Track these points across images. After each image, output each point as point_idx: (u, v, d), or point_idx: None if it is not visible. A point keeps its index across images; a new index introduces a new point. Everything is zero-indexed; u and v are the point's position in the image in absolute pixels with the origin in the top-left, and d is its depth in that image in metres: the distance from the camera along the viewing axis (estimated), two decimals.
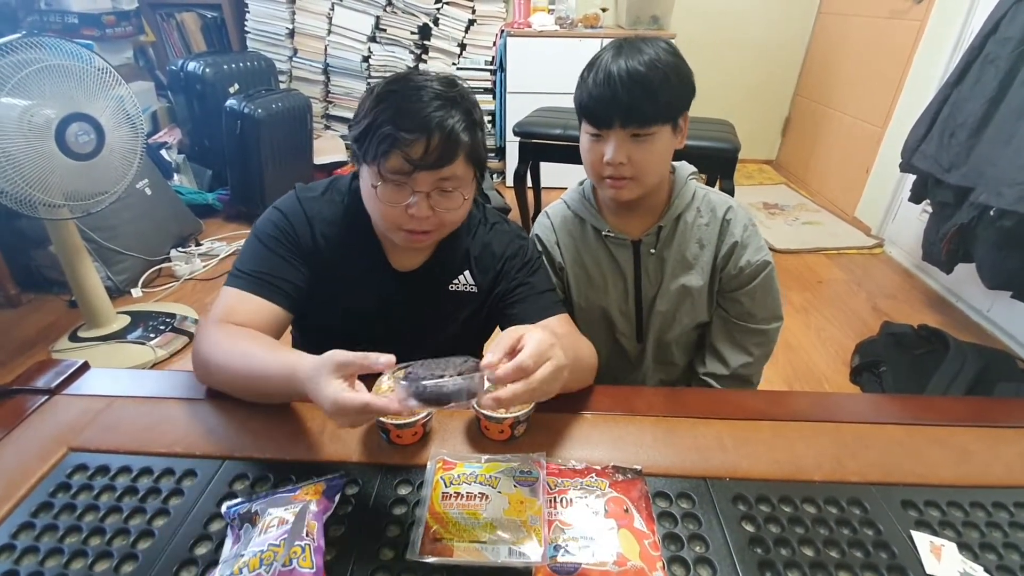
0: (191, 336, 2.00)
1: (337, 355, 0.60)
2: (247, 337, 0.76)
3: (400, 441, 0.72)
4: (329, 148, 3.40)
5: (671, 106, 0.86)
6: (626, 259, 1.00)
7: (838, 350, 1.98)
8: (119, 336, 1.88)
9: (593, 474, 0.66)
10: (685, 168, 1.00)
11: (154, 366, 1.84)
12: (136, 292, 2.26)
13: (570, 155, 2.26)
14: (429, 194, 0.77)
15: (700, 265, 0.98)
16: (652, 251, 0.98)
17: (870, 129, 3.02)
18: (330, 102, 3.62)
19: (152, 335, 1.91)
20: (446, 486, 0.62)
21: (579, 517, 0.60)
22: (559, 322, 0.87)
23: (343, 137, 3.58)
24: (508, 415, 0.70)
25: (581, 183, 1.05)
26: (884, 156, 2.90)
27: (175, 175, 2.97)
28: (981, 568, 0.58)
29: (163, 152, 2.93)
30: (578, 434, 0.76)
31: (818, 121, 3.61)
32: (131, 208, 2.27)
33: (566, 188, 1.10)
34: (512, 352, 0.61)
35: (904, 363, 1.81)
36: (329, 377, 0.59)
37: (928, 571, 0.58)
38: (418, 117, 0.73)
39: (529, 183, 2.41)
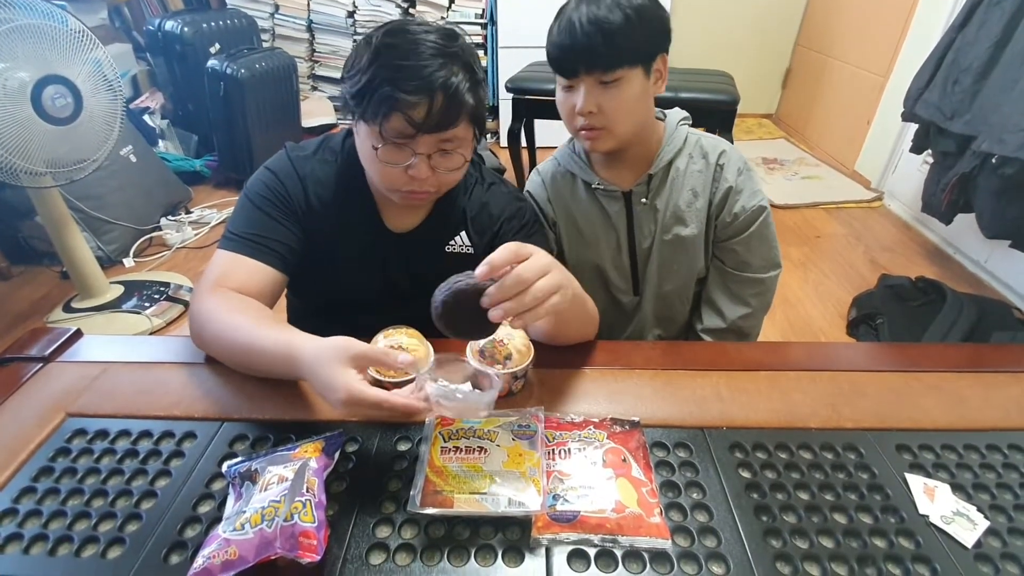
0: (186, 304, 1.99)
1: (352, 346, 0.60)
2: (244, 309, 0.74)
3: None
4: (317, 110, 3.31)
5: (636, 49, 0.83)
6: (617, 211, 0.98)
7: (836, 304, 1.99)
8: (114, 306, 1.87)
9: (591, 426, 0.67)
10: (676, 114, 0.98)
11: (151, 335, 1.83)
12: (128, 262, 2.24)
13: None
14: (430, 155, 0.75)
15: (694, 213, 0.96)
16: (644, 201, 0.96)
17: (872, 79, 2.95)
18: (316, 61, 3.51)
19: (147, 304, 1.90)
20: (445, 441, 0.63)
21: (577, 467, 0.61)
22: None
23: (332, 98, 3.49)
24: (505, 371, 0.70)
25: (570, 140, 1.03)
26: (886, 107, 2.85)
27: (160, 141, 2.90)
28: (974, 508, 0.59)
29: (146, 118, 2.85)
30: (576, 389, 0.76)
31: (819, 72, 3.53)
32: (117, 176, 2.22)
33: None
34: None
35: (901, 315, 1.82)
36: (342, 366, 0.58)
37: (921, 511, 0.59)
38: (420, 76, 0.70)
39: (524, 143, 2.36)
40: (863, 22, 3.10)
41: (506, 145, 2.41)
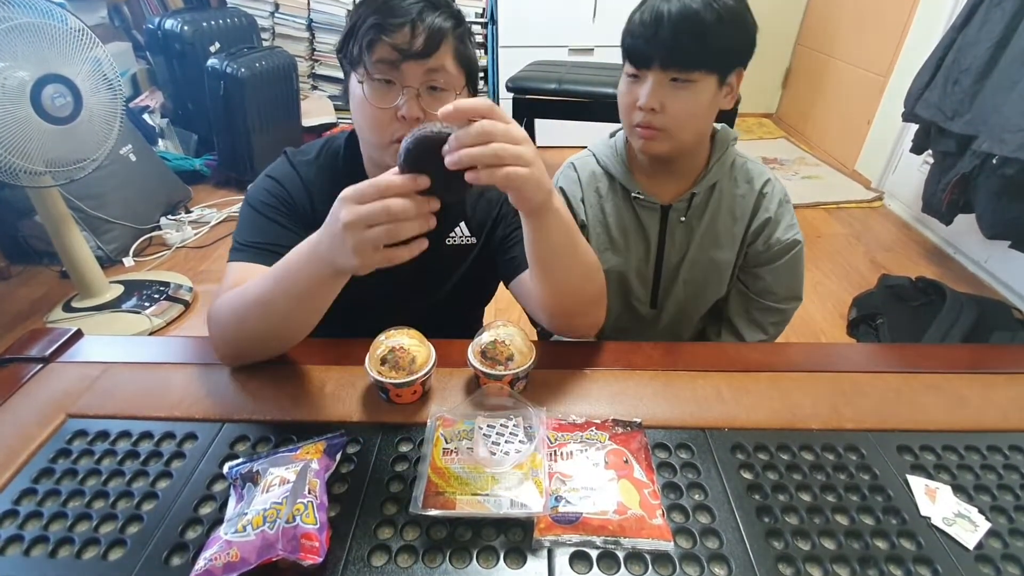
0: (186, 304, 1.99)
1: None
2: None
3: (400, 400, 0.72)
4: (317, 109, 3.31)
5: (721, 53, 0.80)
6: (652, 224, 0.96)
7: (835, 304, 1.99)
8: (113, 306, 1.87)
9: (593, 428, 0.67)
10: (728, 132, 0.95)
11: (151, 335, 1.83)
12: (128, 261, 2.24)
13: (566, 111, 2.21)
14: (419, 93, 0.74)
15: (730, 237, 0.95)
16: (682, 219, 0.94)
17: (872, 78, 2.96)
18: (316, 60, 3.50)
19: (147, 304, 1.90)
20: (447, 442, 0.63)
21: (579, 469, 0.61)
22: None
23: (332, 97, 3.48)
24: (507, 372, 0.69)
25: (613, 135, 1.00)
26: (886, 107, 2.85)
27: (160, 140, 2.90)
28: (975, 509, 0.59)
29: (146, 116, 2.85)
30: (578, 390, 0.76)
31: (820, 71, 3.53)
32: (116, 175, 2.22)
33: (563, 147, 1.06)
34: None
35: (901, 315, 1.82)
36: (341, 200, 0.57)
37: (923, 512, 0.59)
38: (401, 7, 0.72)
39: None
40: (863, 22, 3.11)
41: None
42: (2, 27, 1.40)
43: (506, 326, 0.73)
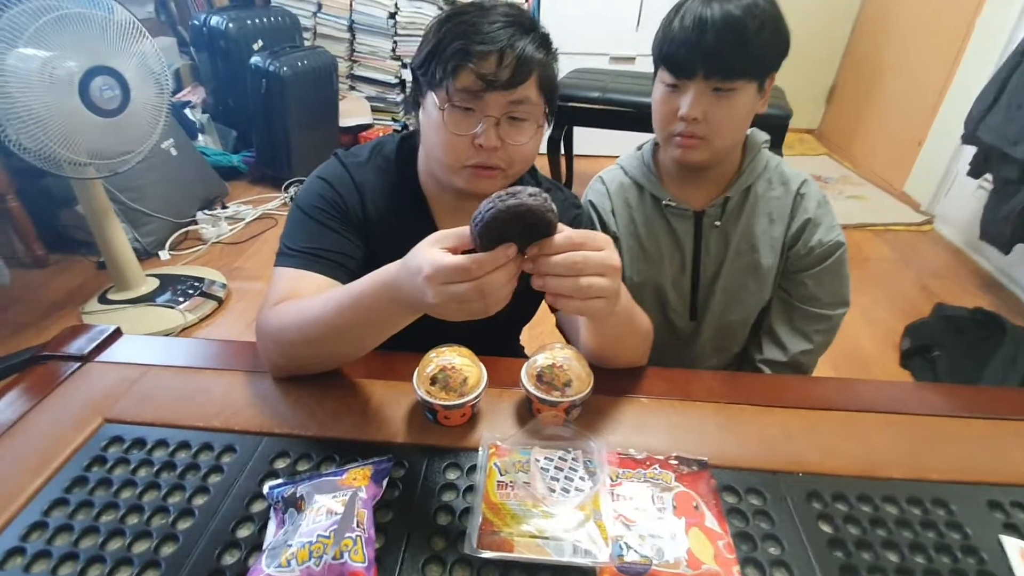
0: (220, 301, 1.99)
1: (434, 233, 0.56)
2: (326, 291, 0.70)
3: (448, 423, 0.68)
4: (354, 110, 3.32)
5: (762, 60, 0.78)
6: (686, 231, 0.93)
7: (886, 332, 1.89)
8: (148, 299, 1.88)
9: (656, 465, 0.62)
10: (759, 135, 0.92)
11: (182, 331, 1.83)
12: (164, 255, 2.25)
13: (607, 120, 2.17)
14: (499, 122, 0.71)
15: (768, 241, 0.91)
16: (716, 224, 0.91)
17: (926, 97, 2.84)
18: (355, 61, 3.51)
19: (181, 299, 1.90)
20: (501, 474, 0.58)
21: (644, 513, 0.56)
22: None
23: (369, 98, 3.49)
24: (564, 398, 0.65)
25: (640, 147, 0.98)
26: (940, 127, 2.73)
27: (199, 135, 2.93)
28: None
29: (187, 111, 2.88)
30: (634, 419, 0.71)
31: (868, 88, 3.41)
32: (157, 169, 2.24)
33: (601, 156, 1.03)
34: None
35: (959, 348, 1.72)
36: (429, 245, 0.54)
37: None
38: (490, 32, 0.68)
39: (561, 150, 2.32)
40: (918, 37, 2.99)
41: (544, 152, 2.38)
42: (50, 17, 1.41)
43: (564, 349, 0.69)
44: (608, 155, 3.33)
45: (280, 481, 0.58)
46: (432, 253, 0.53)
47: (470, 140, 0.71)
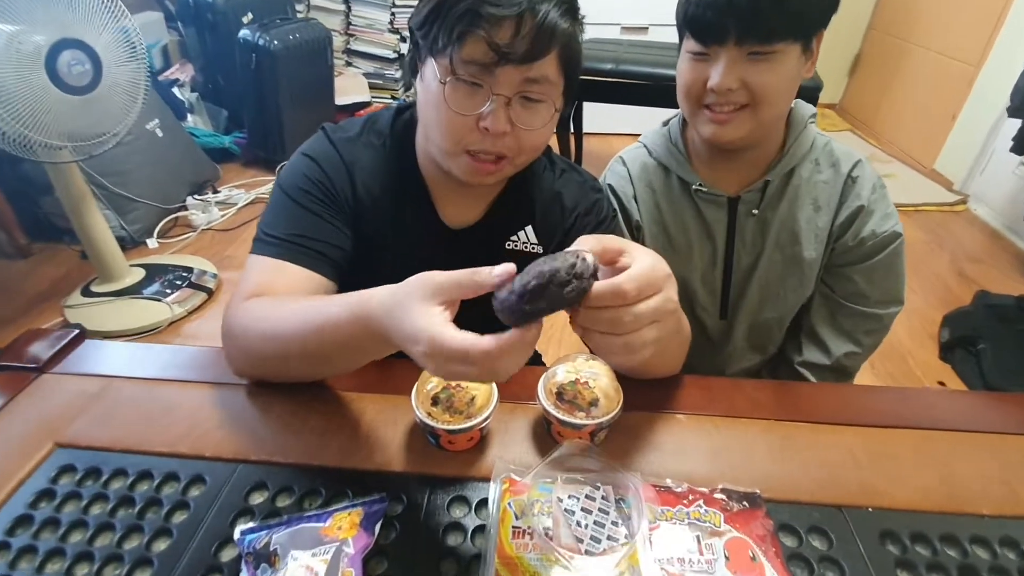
0: (210, 292, 1.89)
1: (432, 278, 0.45)
2: (296, 298, 0.61)
3: (452, 448, 0.58)
4: (351, 87, 3.17)
5: (805, 18, 0.66)
6: (718, 219, 0.82)
7: (922, 321, 1.77)
8: (134, 291, 1.78)
9: (700, 501, 0.52)
10: (804, 108, 0.81)
11: (171, 324, 1.73)
12: (151, 243, 2.15)
13: (621, 94, 2.02)
14: (509, 102, 0.59)
15: (813, 231, 0.80)
16: (754, 212, 0.80)
17: (960, 68, 2.67)
18: (351, 35, 3.35)
19: (169, 291, 1.80)
20: (517, 517, 0.49)
21: (692, 568, 0.46)
22: None
23: (367, 75, 3.34)
24: (590, 420, 0.55)
25: (666, 123, 0.87)
26: (976, 100, 2.56)
27: (188, 116, 2.80)
28: None
29: (175, 90, 2.75)
30: (670, 441, 0.61)
31: (895, 59, 3.22)
32: (142, 152, 2.12)
33: (613, 134, 0.91)
34: (610, 264, 0.46)
35: (1006, 340, 1.60)
36: (422, 304, 0.44)
37: None
38: None
39: (570, 128, 2.18)
40: (952, 4, 2.81)
41: (554, 131, 2.22)
42: None
43: (589, 360, 0.59)
44: (621, 133, 3.19)
45: (252, 525, 0.49)
46: (431, 326, 0.42)
47: (474, 121, 0.60)
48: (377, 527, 0.49)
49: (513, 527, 0.48)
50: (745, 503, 0.52)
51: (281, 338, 0.58)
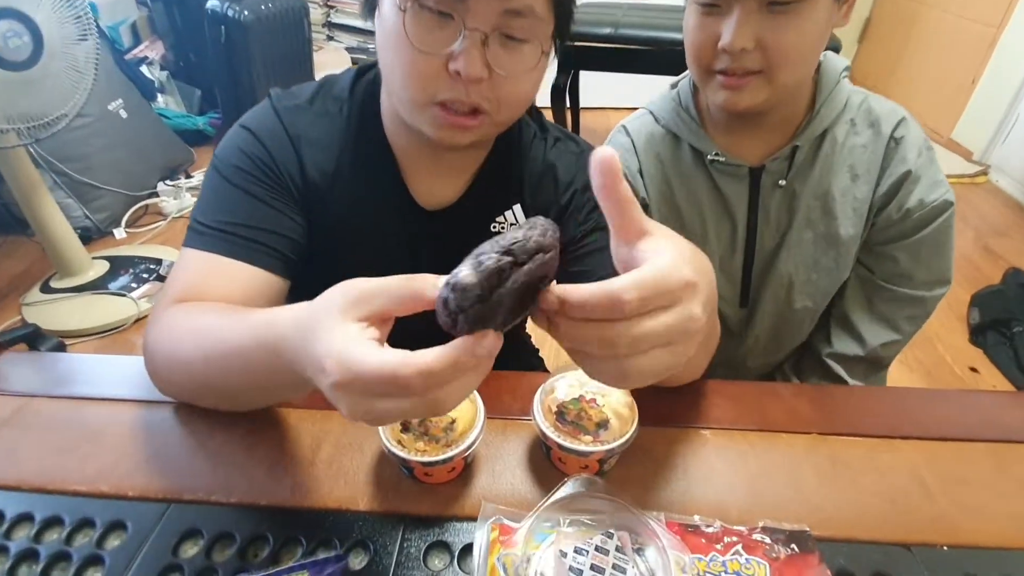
0: None
1: (358, 284, 0.33)
2: (209, 312, 0.50)
3: (430, 480, 0.47)
4: (332, 62, 3.01)
5: None
6: (738, 194, 0.71)
7: (949, 301, 1.62)
8: (97, 286, 1.65)
9: (739, 545, 0.42)
10: (836, 61, 0.69)
11: (136, 322, 1.61)
12: (119, 233, 2.01)
13: (621, 62, 1.88)
14: (486, 39, 0.48)
15: (850, 203, 0.69)
16: (780, 183, 0.69)
17: (980, 30, 2.51)
18: (331, 7, 3.18)
19: (135, 284, 1.68)
20: (505, 574, 0.38)
21: None
22: None
23: (349, 49, 3.18)
24: (598, 447, 0.44)
25: (674, 85, 0.75)
26: (998, 64, 2.42)
27: (159, 96, 2.64)
28: None
29: (144, 69, 2.58)
30: (693, 463, 0.50)
31: (909, 22, 3.05)
32: (104, 134, 1.97)
33: (612, 108, 0.78)
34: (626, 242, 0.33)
35: None
36: (341, 319, 0.32)
37: None
38: None
39: (566, 101, 2.03)
40: None
41: (548, 104, 2.07)
42: None
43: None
44: (621, 107, 3.03)
45: None
46: (342, 345, 0.30)
47: (443, 63, 0.48)
48: None
49: None
50: (794, 546, 0.42)
51: (185, 365, 0.48)
